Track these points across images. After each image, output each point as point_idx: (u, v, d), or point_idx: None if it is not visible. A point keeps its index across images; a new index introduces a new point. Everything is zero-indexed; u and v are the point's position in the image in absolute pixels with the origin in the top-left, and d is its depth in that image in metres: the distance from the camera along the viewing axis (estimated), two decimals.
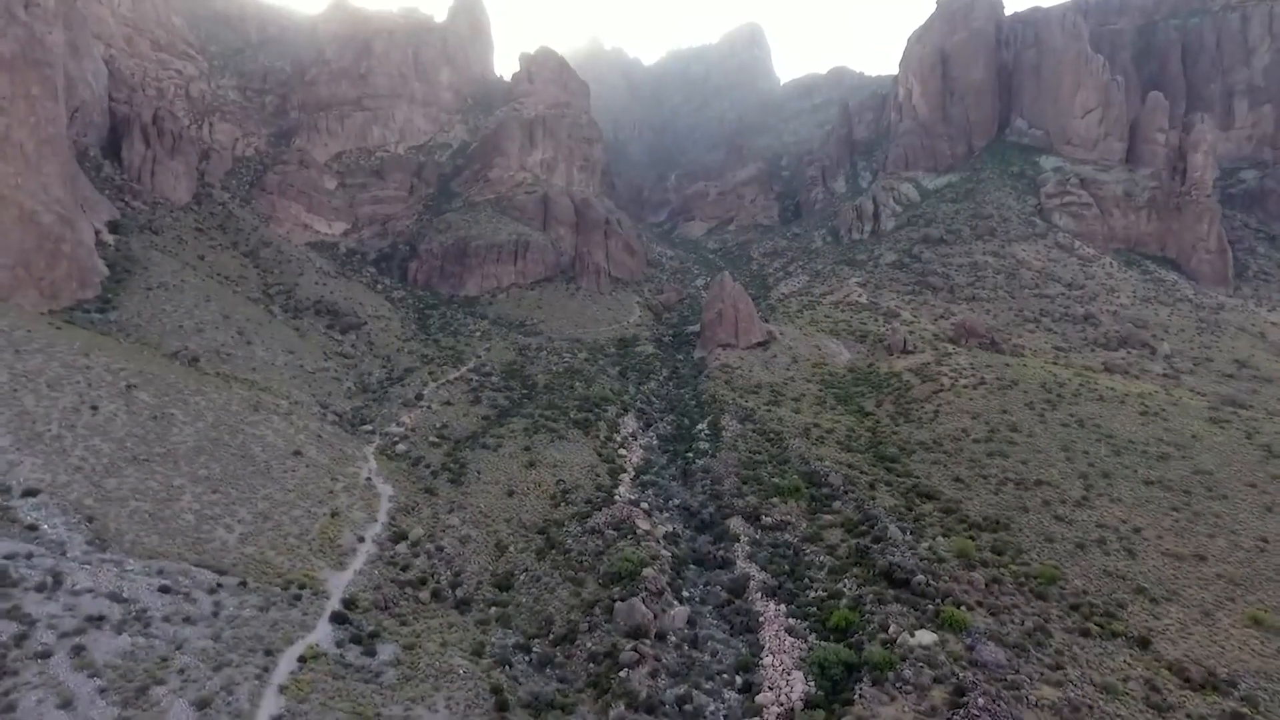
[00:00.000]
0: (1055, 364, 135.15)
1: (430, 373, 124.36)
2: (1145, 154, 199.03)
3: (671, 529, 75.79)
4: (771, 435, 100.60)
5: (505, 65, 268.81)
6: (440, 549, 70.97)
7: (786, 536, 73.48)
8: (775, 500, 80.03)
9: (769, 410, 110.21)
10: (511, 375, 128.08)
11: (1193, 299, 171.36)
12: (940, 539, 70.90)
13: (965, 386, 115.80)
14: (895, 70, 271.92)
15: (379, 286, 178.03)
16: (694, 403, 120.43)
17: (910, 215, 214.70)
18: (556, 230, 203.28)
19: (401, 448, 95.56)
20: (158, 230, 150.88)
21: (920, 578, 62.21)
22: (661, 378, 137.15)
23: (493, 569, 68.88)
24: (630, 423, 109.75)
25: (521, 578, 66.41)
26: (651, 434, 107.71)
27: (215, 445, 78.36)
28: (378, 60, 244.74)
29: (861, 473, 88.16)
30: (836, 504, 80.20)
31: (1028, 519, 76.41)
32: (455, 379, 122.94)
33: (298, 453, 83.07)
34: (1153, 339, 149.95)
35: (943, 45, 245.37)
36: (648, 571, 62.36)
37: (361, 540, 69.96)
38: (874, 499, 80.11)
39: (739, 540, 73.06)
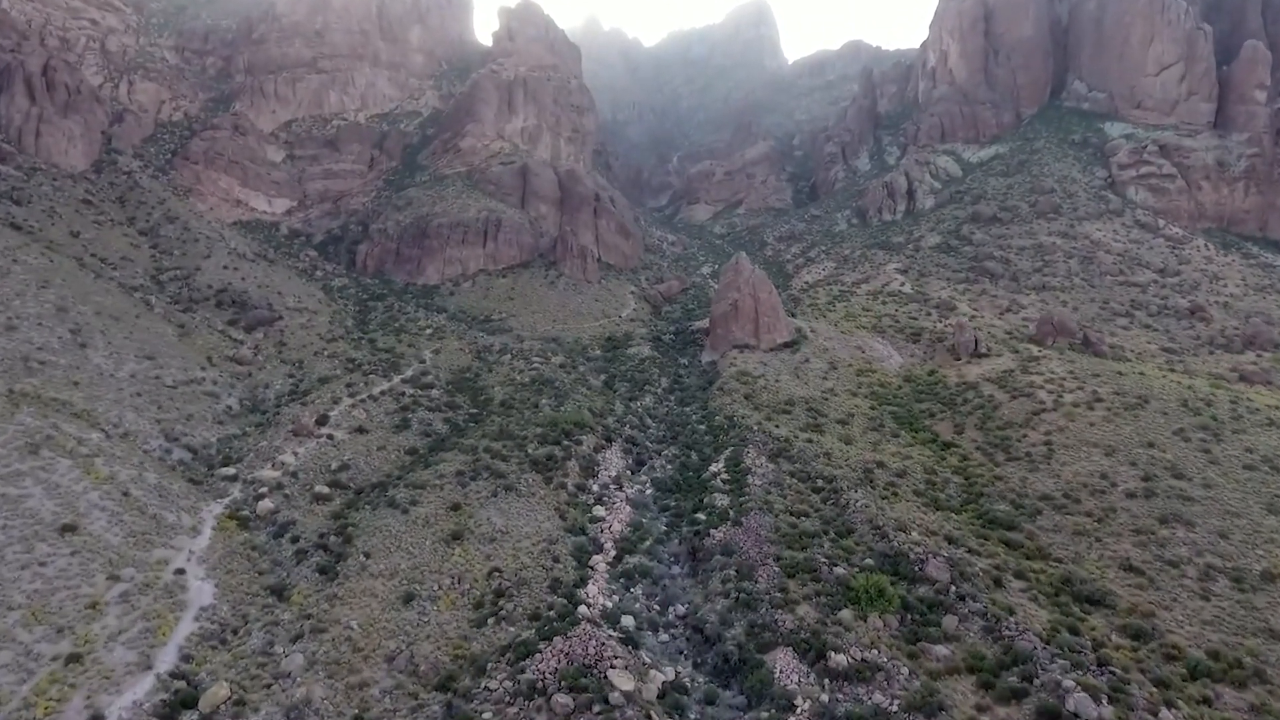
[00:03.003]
0: (1173, 370, 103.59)
1: (349, 385, 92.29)
2: (1239, 116, 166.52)
3: (674, 673, 43.60)
4: (820, 483, 68.43)
5: (490, 39, 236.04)
6: None
7: (877, 697, 41.18)
8: (846, 614, 47.89)
9: (810, 441, 78.10)
10: (460, 388, 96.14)
11: None
12: (1166, 712, 38.97)
13: (1076, 405, 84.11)
14: (915, 46, 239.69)
15: (317, 273, 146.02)
16: (704, 427, 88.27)
17: (952, 192, 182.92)
18: (537, 207, 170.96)
19: (266, 505, 63.29)
20: (22, 200, 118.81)
21: None
22: (660, 390, 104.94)
23: None
24: (614, 460, 77.07)
25: None
26: (644, 478, 75.03)
27: None
28: (335, 15, 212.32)
29: (972, 552, 56.07)
30: (947, 619, 48.07)
31: None
32: (382, 393, 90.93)
33: (70, 528, 51.22)
34: None
35: None
36: None
37: None
38: (1011, 613, 48.09)
39: (795, 708, 40.89)
